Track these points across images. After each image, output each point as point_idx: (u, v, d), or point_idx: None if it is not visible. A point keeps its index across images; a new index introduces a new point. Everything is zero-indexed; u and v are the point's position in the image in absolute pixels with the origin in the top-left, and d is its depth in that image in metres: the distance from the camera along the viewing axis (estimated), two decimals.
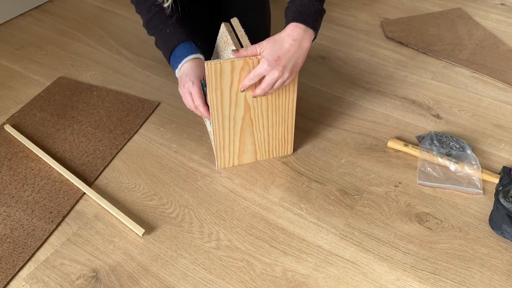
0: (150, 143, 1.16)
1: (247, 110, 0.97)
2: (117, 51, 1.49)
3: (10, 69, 1.43)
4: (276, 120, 1.02)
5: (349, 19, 1.64)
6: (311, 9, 0.90)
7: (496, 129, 1.18)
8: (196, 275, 0.88)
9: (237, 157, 1.07)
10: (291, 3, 0.92)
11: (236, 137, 1.02)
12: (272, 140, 1.06)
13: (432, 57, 1.44)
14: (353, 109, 1.25)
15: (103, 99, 1.29)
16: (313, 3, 0.91)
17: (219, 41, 1.11)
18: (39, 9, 1.73)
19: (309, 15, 0.89)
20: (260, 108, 0.98)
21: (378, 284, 0.86)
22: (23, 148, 1.14)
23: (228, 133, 1.00)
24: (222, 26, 1.09)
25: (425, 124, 1.20)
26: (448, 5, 1.70)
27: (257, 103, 0.97)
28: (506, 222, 0.90)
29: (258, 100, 0.96)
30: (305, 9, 0.90)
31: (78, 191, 1.03)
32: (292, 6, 0.92)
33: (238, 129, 1.00)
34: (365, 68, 1.40)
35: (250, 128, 1.01)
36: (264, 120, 1.01)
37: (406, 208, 0.99)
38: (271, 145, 1.07)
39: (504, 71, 1.36)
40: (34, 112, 1.25)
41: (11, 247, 0.93)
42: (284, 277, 0.87)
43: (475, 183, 1.02)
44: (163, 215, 0.99)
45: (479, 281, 0.86)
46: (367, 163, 1.09)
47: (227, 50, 1.06)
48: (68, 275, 0.88)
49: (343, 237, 0.94)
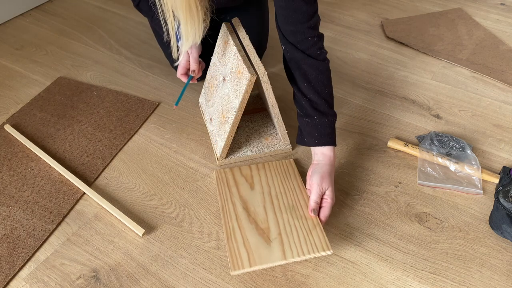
0: (150, 143, 1.16)
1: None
2: (117, 51, 1.49)
3: (10, 69, 1.43)
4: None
5: (349, 19, 1.64)
6: (332, 125, 0.98)
7: (496, 129, 1.18)
8: (196, 275, 0.88)
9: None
10: (309, 119, 0.97)
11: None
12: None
13: (432, 57, 1.44)
14: (353, 109, 1.25)
15: (103, 99, 1.29)
16: (331, 119, 0.97)
17: (219, 41, 1.11)
18: (39, 9, 1.73)
19: (332, 133, 0.97)
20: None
21: (378, 284, 0.86)
22: (23, 148, 1.14)
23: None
24: (223, 26, 1.09)
25: (425, 124, 1.20)
26: (448, 5, 1.70)
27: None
28: (506, 222, 0.90)
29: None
30: (328, 129, 0.97)
31: (78, 191, 1.03)
32: (313, 125, 0.97)
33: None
34: (365, 68, 1.40)
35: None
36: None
37: (406, 208, 0.99)
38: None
39: (504, 71, 1.36)
40: (34, 112, 1.25)
41: (11, 247, 0.93)
42: (284, 277, 0.87)
43: (475, 183, 1.02)
44: (163, 215, 0.99)
45: (479, 281, 0.86)
46: (367, 163, 1.09)
47: (228, 50, 1.06)
48: (68, 275, 0.88)
49: (343, 237, 0.94)
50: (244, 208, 0.96)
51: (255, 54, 0.99)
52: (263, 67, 0.97)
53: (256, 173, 1.05)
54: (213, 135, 1.13)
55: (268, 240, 0.88)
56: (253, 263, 0.83)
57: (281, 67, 1.40)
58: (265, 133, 1.15)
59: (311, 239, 0.87)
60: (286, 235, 0.88)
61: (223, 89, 1.07)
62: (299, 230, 0.89)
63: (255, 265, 0.83)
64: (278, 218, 0.92)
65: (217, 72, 1.11)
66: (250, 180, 1.03)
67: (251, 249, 0.86)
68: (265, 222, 0.92)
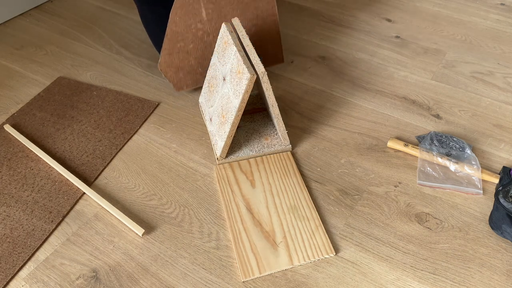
0: (150, 143, 1.16)
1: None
2: (117, 51, 1.49)
3: (10, 69, 1.43)
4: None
5: (349, 19, 1.64)
6: None
7: (496, 129, 1.18)
8: (196, 275, 0.88)
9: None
10: None
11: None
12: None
13: (432, 57, 1.44)
14: (353, 109, 1.25)
15: (103, 99, 1.29)
16: None
17: (220, 40, 1.11)
18: (39, 9, 1.73)
19: None
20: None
21: (377, 284, 0.86)
22: (22, 148, 1.14)
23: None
24: (223, 26, 1.09)
25: (425, 124, 1.20)
26: (448, 5, 1.70)
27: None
28: (506, 222, 0.90)
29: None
30: None
31: (78, 191, 1.03)
32: None
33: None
34: (365, 68, 1.40)
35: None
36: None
37: (406, 208, 0.99)
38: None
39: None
40: (34, 112, 1.25)
41: (10, 247, 0.93)
42: (283, 277, 0.87)
43: (475, 183, 1.02)
44: (163, 215, 0.99)
45: (479, 281, 0.86)
46: (367, 163, 1.09)
47: (228, 50, 1.06)
48: (68, 275, 0.88)
49: (343, 237, 0.94)
50: (248, 209, 0.98)
51: (255, 54, 1.00)
52: (263, 67, 0.97)
53: (255, 168, 1.06)
54: (213, 135, 1.13)
55: (274, 244, 0.91)
56: (263, 269, 0.88)
57: (281, 67, 1.40)
58: (265, 133, 1.15)
59: (315, 242, 0.92)
60: (291, 238, 0.92)
61: (223, 89, 1.07)
62: (303, 233, 0.93)
63: (264, 272, 0.87)
64: (282, 219, 0.96)
65: (217, 72, 1.11)
66: (251, 177, 1.04)
67: (259, 254, 0.90)
68: (269, 224, 0.95)
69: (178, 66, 1.18)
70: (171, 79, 1.19)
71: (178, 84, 1.21)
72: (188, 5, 1.09)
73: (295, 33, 1.55)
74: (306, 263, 0.88)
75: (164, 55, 1.14)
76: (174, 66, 1.17)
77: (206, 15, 1.12)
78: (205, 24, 1.13)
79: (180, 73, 1.19)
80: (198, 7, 1.09)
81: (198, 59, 1.19)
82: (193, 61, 1.18)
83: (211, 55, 1.18)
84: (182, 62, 1.17)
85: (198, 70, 1.20)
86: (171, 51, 1.14)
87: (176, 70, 1.18)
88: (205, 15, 1.12)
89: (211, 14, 1.13)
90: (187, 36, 1.14)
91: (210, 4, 1.11)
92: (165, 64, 1.16)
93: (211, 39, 1.16)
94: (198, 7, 1.09)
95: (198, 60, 1.19)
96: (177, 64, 1.17)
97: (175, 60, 1.16)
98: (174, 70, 1.18)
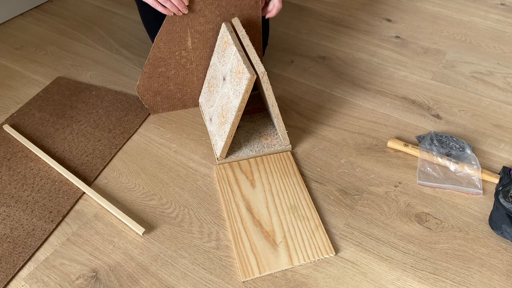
0: (150, 143, 1.16)
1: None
2: (117, 51, 1.49)
3: (10, 69, 1.43)
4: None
5: (349, 19, 1.64)
6: None
7: (496, 129, 1.18)
8: (196, 275, 0.88)
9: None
10: None
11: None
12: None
13: (432, 57, 1.44)
14: (353, 109, 1.25)
15: (102, 98, 1.29)
16: None
17: (219, 40, 1.11)
18: (39, 9, 1.73)
19: None
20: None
21: (377, 284, 0.86)
22: (22, 148, 1.14)
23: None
24: (223, 26, 1.09)
25: (425, 124, 1.20)
26: (448, 5, 1.70)
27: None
28: (506, 222, 0.90)
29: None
30: None
31: (77, 190, 1.03)
32: None
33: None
34: (365, 68, 1.40)
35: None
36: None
37: (406, 208, 0.99)
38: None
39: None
40: (33, 112, 1.25)
41: (11, 247, 0.93)
42: (283, 277, 0.87)
43: (475, 183, 1.02)
44: (163, 215, 0.99)
45: (479, 281, 0.86)
46: (367, 163, 1.09)
47: (228, 50, 1.06)
48: (68, 275, 0.88)
49: (343, 237, 0.94)
50: (247, 209, 0.97)
51: (255, 54, 1.00)
52: (263, 67, 0.97)
53: (255, 168, 1.06)
54: (213, 135, 1.13)
55: (274, 244, 0.91)
56: (263, 270, 0.87)
57: (281, 67, 1.40)
58: (265, 133, 1.15)
59: (315, 242, 0.91)
60: (291, 238, 0.92)
61: (223, 89, 1.07)
62: (303, 233, 0.93)
63: (264, 272, 0.87)
64: (282, 219, 0.95)
65: (217, 72, 1.11)
66: (251, 176, 1.04)
67: (259, 254, 0.89)
68: (269, 224, 0.94)
69: (157, 90, 1.18)
70: (147, 102, 1.19)
71: (154, 107, 1.21)
72: (175, 33, 1.09)
73: (295, 33, 1.55)
74: (306, 263, 0.88)
75: (143, 78, 1.14)
76: (152, 90, 1.17)
77: (192, 44, 1.12)
78: (190, 53, 1.13)
79: (157, 97, 1.19)
80: (185, 36, 1.09)
81: (178, 85, 1.18)
82: (173, 87, 1.18)
83: (192, 82, 1.19)
84: (161, 87, 1.17)
85: (177, 96, 1.20)
86: (151, 75, 1.14)
87: (154, 94, 1.18)
88: (191, 44, 1.12)
89: (197, 43, 1.13)
90: (170, 62, 1.13)
91: (197, 34, 1.11)
92: (143, 87, 1.16)
93: (193, 67, 1.16)
94: (185, 36, 1.09)
95: (178, 86, 1.18)
96: (155, 88, 1.17)
97: (154, 84, 1.16)
98: (151, 94, 1.18)
